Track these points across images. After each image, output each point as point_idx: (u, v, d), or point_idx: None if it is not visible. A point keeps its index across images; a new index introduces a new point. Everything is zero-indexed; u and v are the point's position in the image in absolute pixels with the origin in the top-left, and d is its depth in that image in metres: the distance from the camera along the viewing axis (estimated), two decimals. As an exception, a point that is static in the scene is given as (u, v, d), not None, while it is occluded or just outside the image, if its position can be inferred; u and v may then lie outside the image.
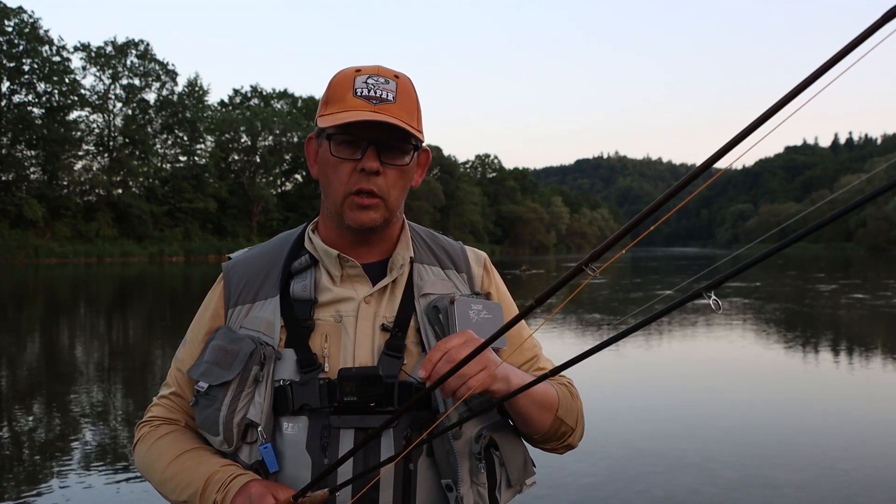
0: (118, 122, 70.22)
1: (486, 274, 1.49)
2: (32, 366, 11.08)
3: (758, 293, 23.58)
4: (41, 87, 62.80)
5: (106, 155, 68.25)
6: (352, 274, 1.37)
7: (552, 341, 12.31)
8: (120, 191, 65.86)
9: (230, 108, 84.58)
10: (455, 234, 1.59)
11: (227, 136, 76.76)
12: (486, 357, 1.21)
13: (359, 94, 1.28)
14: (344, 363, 1.31)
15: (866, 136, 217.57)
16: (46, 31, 62.40)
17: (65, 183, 64.46)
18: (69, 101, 64.47)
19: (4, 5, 60.03)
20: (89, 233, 60.79)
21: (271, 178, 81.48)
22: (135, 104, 71.14)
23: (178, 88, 73.70)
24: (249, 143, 78.90)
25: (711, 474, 5.49)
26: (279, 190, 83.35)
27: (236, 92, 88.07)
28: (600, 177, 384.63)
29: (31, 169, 62.89)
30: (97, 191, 65.46)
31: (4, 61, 60.77)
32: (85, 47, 68.48)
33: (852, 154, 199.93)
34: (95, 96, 68.74)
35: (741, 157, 0.79)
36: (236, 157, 78.99)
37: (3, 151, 60.12)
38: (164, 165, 72.20)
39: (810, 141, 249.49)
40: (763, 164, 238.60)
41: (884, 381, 9.48)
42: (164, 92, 72.64)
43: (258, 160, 78.88)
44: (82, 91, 66.35)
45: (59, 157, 61.96)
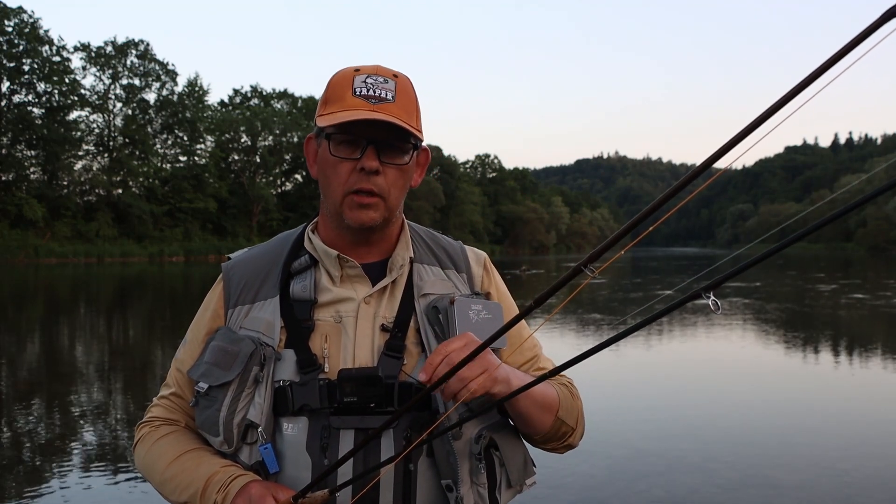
0: (118, 122, 70.27)
1: (485, 274, 1.49)
2: (32, 366, 11.07)
3: (758, 293, 23.58)
4: (41, 87, 62.84)
5: (106, 155, 68.26)
6: (351, 274, 1.37)
7: (552, 341, 12.31)
8: (120, 191, 65.86)
9: (230, 108, 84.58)
10: (455, 234, 1.58)
11: (227, 136, 76.76)
12: (487, 360, 1.21)
13: (358, 93, 1.27)
14: (344, 364, 1.30)
15: (866, 136, 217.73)
16: (46, 31, 62.43)
17: (65, 183, 64.47)
18: (69, 101, 64.47)
19: (4, 5, 60.03)
20: (89, 233, 60.79)
21: (271, 178, 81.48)
22: (135, 104, 71.15)
23: (178, 88, 73.82)
24: (249, 143, 78.92)
25: (711, 474, 5.49)
26: (279, 190, 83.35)
27: (236, 92, 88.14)
28: (600, 177, 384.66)
29: (31, 169, 62.91)
30: (97, 191, 65.47)
31: (4, 61, 60.78)
32: (85, 47, 68.49)
33: (852, 154, 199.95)
34: (95, 96, 68.78)
35: (741, 157, 0.79)
36: (236, 157, 79.00)
37: (3, 151, 60.12)
38: (164, 165, 72.20)
39: (810, 141, 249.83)
40: (763, 164, 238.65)
41: (884, 381, 9.48)
42: (164, 92, 72.69)
43: (258, 160, 78.89)
44: (82, 91, 66.39)
45: (59, 157, 61.96)
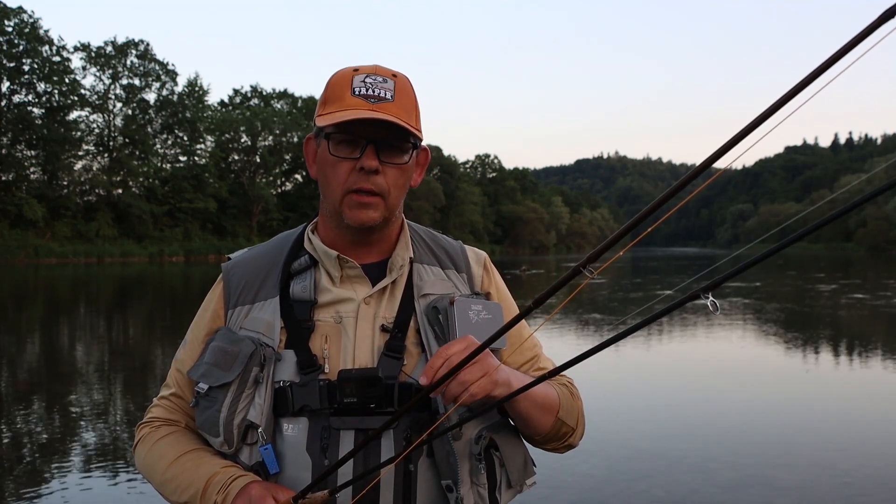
0: (118, 122, 70.25)
1: (486, 274, 1.49)
2: (32, 366, 11.07)
3: (758, 293, 23.58)
4: (41, 87, 62.83)
5: (106, 155, 68.26)
6: (351, 275, 1.37)
7: (552, 341, 12.31)
8: (120, 191, 65.85)
9: (230, 108, 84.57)
10: (455, 234, 1.58)
11: (227, 136, 76.76)
12: (487, 362, 1.20)
13: (357, 93, 1.27)
14: (344, 364, 1.30)
15: (866, 136, 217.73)
16: (46, 31, 62.41)
17: (65, 183, 64.47)
18: (69, 101, 64.47)
19: (4, 5, 60.03)
20: (89, 233, 60.79)
21: (271, 178, 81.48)
22: (135, 104, 71.14)
23: (178, 88, 73.82)
24: (249, 143, 78.92)
25: (711, 474, 5.49)
26: (279, 190, 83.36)
27: (236, 92, 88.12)
28: (600, 177, 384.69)
29: (31, 169, 62.91)
30: (97, 191, 65.46)
31: (4, 61, 60.77)
32: (85, 47, 68.49)
33: (852, 154, 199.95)
34: (95, 96, 68.77)
35: (741, 157, 0.79)
36: (236, 157, 79.00)
37: (3, 151, 60.12)
38: (164, 165, 72.19)
39: (810, 141, 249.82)
40: (763, 164, 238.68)
41: (884, 381, 9.48)
42: (164, 92, 72.69)
43: (258, 160, 78.88)
44: (82, 91, 66.39)
45: (59, 157, 61.96)
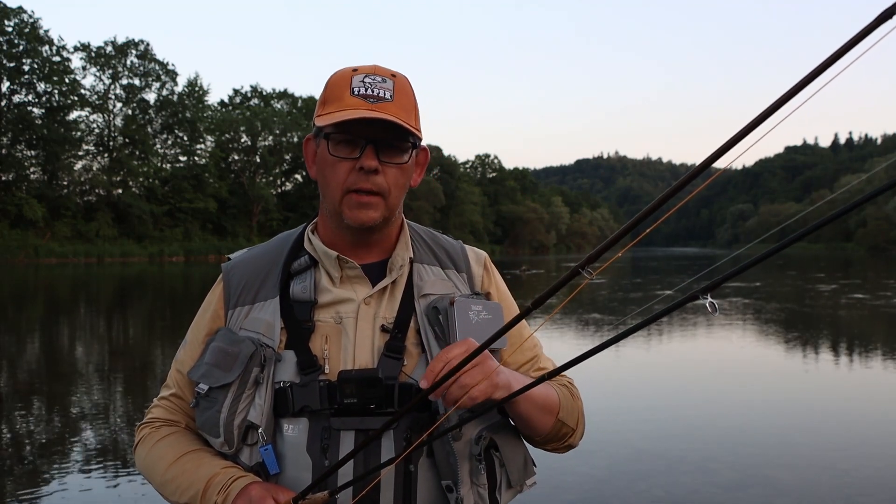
0: (118, 122, 70.26)
1: (486, 273, 1.49)
2: (32, 366, 11.07)
3: (758, 293, 23.58)
4: (41, 87, 62.84)
5: (106, 155, 68.25)
6: (351, 275, 1.37)
7: (552, 341, 12.31)
8: (120, 191, 65.86)
9: (230, 108, 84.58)
10: (455, 234, 1.58)
11: (227, 136, 76.76)
12: (488, 365, 1.20)
13: (356, 92, 1.27)
14: (344, 365, 1.30)
15: (866, 136, 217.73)
16: (46, 31, 62.42)
17: (65, 183, 64.47)
18: (69, 101, 64.46)
19: (4, 5, 60.03)
20: (89, 233, 60.79)
21: (271, 178, 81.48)
22: (135, 104, 71.14)
23: (178, 88, 73.81)
24: (249, 143, 78.91)
25: (711, 474, 5.49)
26: (279, 190, 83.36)
27: (236, 92, 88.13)
28: (600, 177, 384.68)
29: (31, 169, 62.91)
30: (97, 191, 65.47)
31: (4, 61, 60.77)
32: (85, 47, 68.49)
33: (852, 154, 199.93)
34: (95, 96, 68.77)
35: (741, 157, 0.79)
36: (236, 157, 79.00)
37: (3, 151, 60.11)
38: (164, 165, 72.19)
39: (810, 141, 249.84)
40: (763, 164, 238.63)
41: (884, 381, 9.48)
42: (164, 92, 72.70)
43: (258, 160, 78.88)
44: (82, 91, 66.38)
45: (59, 157, 61.95)
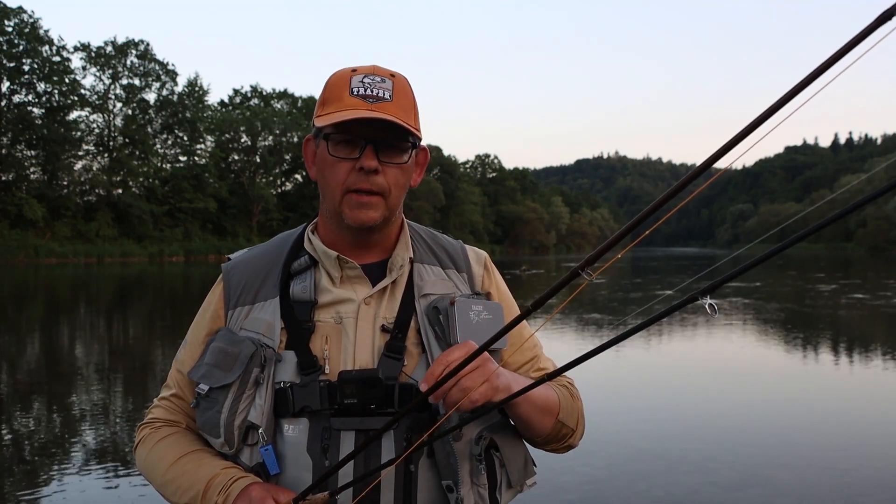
0: (118, 122, 70.28)
1: (486, 273, 1.49)
2: (32, 366, 11.07)
3: (758, 293, 23.57)
4: (41, 87, 62.84)
5: (106, 155, 68.26)
6: (351, 275, 1.37)
7: (552, 341, 12.31)
8: (120, 191, 65.86)
9: (230, 108, 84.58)
10: (455, 234, 1.58)
11: (227, 136, 76.76)
12: (488, 368, 1.21)
13: (355, 93, 1.27)
14: (344, 365, 1.30)
15: (866, 136, 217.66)
16: (46, 31, 62.44)
17: (65, 183, 64.48)
18: (69, 101, 64.47)
19: (4, 5, 60.03)
20: (89, 233, 60.80)
21: (271, 178, 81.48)
22: (135, 104, 71.15)
23: (178, 88, 73.84)
24: (249, 143, 78.92)
25: (711, 474, 5.49)
26: (279, 190, 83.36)
27: (236, 92, 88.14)
28: (600, 177, 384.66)
29: (31, 169, 62.92)
30: (97, 191, 65.47)
31: (4, 61, 60.78)
32: (85, 47, 68.49)
33: (852, 154, 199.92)
34: (95, 96, 68.77)
35: (741, 157, 0.79)
36: (236, 157, 79.00)
37: (3, 151, 60.13)
38: (164, 165, 72.20)
39: (810, 141, 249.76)
40: (763, 164, 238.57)
41: (884, 381, 9.47)
42: (164, 92, 72.70)
43: (258, 160, 78.88)
44: (82, 91, 66.38)
45: (59, 157, 61.96)
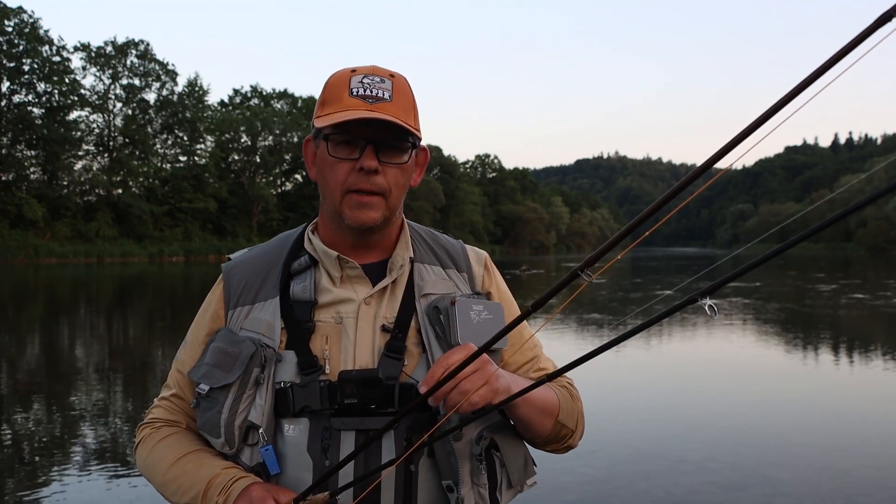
0: (118, 122, 70.28)
1: (486, 273, 1.49)
2: (32, 366, 11.07)
3: (758, 293, 23.57)
4: (41, 87, 62.84)
5: (106, 155, 68.26)
6: (351, 275, 1.37)
7: (552, 342, 12.31)
8: (120, 191, 65.86)
9: (230, 108, 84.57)
10: (455, 234, 1.58)
11: (227, 136, 76.76)
12: (488, 370, 1.21)
13: (355, 93, 1.27)
14: (344, 365, 1.30)
15: (866, 136, 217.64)
16: (46, 31, 62.43)
17: (65, 183, 64.47)
18: (69, 101, 64.47)
19: (4, 5, 60.03)
20: (89, 233, 60.80)
21: (271, 178, 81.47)
22: (135, 104, 71.15)
23: (178, 88, 73.84)
24: (249, 143, 78.91)
25: (712, 474, 5.49)
26: (279, 190, 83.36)
27: (236, 92, 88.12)
28: (600, 177, 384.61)
29: (31, 169, 62.92)
30: (97, 191, 65.47)
31: (4, 61, 60.77)
32: (85, 47, 68.49)
33: (852, 154, 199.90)
34: (95, 96, 68.78)
35: (741, 158, 0.79)
36: (236, 157, 78.99)
37: (3, 151, 60.12)
38: (164, 165, 72.21)
39: (810, 141, 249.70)
40: (763, 164, 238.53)
41: (884, 381, 9.47)
42: (164, 92, 72.69)
43: (258, 160, 78.87)
44: (82, 91, 66.38)
45: (59, 157, 61.96)
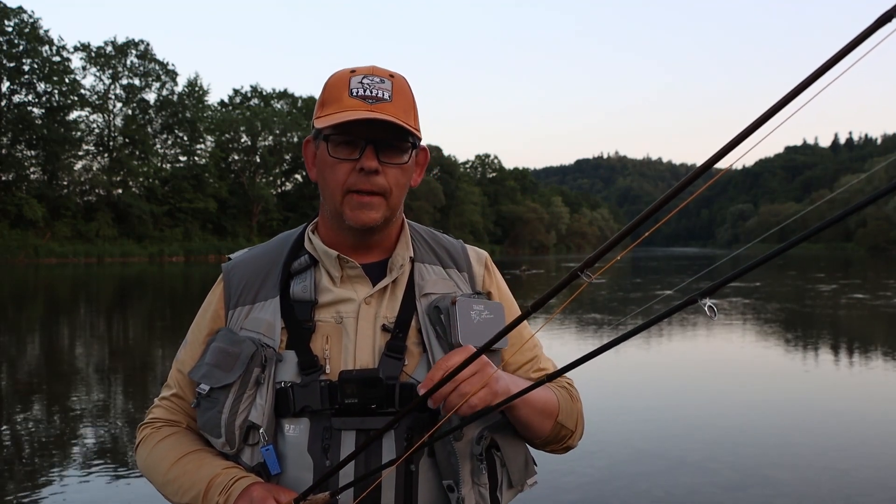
0: (118, 122, 70.28)
1: (487, 273, 1.49)
2: (32, 366, 11.07)
3: (758, 293, 23.57)
4: (41, 87, 62.85)
5: (106, 155, 68.27)
6: (352, 275, 1.37)
7: (552, 342, 12.31)
8: (120, 191, 65.87)
9: (230, 108, 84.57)
10: (455, 234, 1.58)
11: (227, 136, 76.77)
12: (487, 372, 1.21)
13: (355, 94, 1.27)
14: (345, 365, 1.30)
15: (866, 136, 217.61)
16: (46, 31, 62.44)
17: (65, 183, 64.49)
18: (69, 101, 64.47)
19: (4, 5, 60.04)
20: (89, 233, 60.80)
21: (271, 178, 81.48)
22: (135, 104, 71.15)
23: (178, 88, 73.85)
24: (249, 143, 78.91)
25: (712, 474, 5.49)
26: (279, 190, 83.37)
27: (236, 92, 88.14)
28: (600, 177, 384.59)
29: (31, 169, 62.93)
30: (97, 191, 65.48)
31: (4, 61, 60.78)
32: (85, 47, 68.50)
33: (852, 154, 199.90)
34: (95, 96, 68.79)
35: (741, 158, 0.79)
36: (236, 157, 78.99)
37: (3, 151, 60.13)
38: (164, 165, 72.22)
39: (810, 141, 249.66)
40: (763, 164, 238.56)
41: (884, 381, 9.47)
42: (164, 92, 72.70)
43: (258, 160, 78.88)
44: (82, 91, 66.39)
45: (59, 157, 61.97)
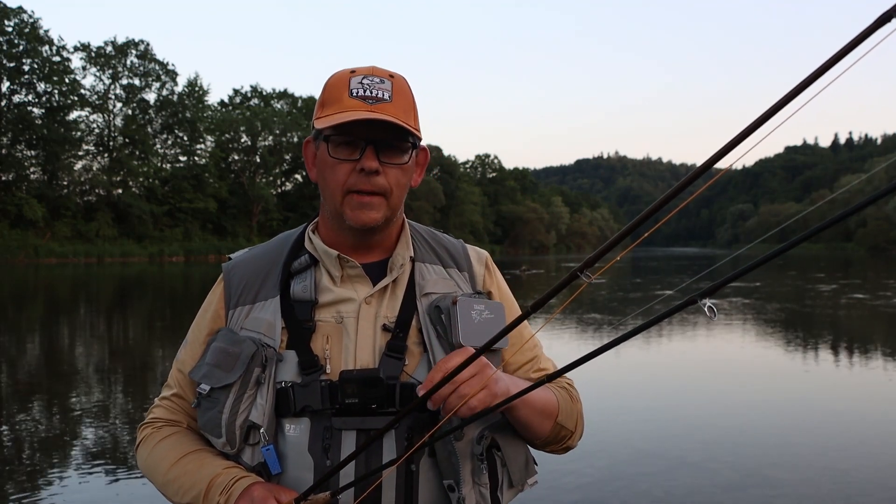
0: (118, 122, 70.28)
1: (487, 273, 1.49)
2: (32, 366, 11.07)
3: (758, 293, 23.57)
4: (41, 87, 62.86)
5: (106, 155, 68.27)
6: (352, 274, 1.37)
7: (552, 342, 12.31)
8: (120, 191, 65.88)
9: (230, 108, 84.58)
10: (455, 234, 1.58)
11: (227, 136, 76.77)
12: (486, 374, 1.21)
13: (355, 94, 1.27)
14: (345, 365, 1.30)
15: (866, 136, 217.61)
16: (46, 31, 62.46)
17: (65, 183, 64.50)
18: (69, 101, 64.49)
19: (4, 5, 60.04)
20: (89, 233, 60.80)
21: (271, 178, 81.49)
22: (135, 104, 71.15)
23: (178, 88, 73.85)
24: (249, 143, 78.92)
25: (712, 474, 5.49)
26: (279, 190, 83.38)
27: (236, 92, 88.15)
28: (600, 177, 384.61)
29: (31, 169, 62.94)
30: (97, 191, 65.49)
31: (4, 61, 60.78)
32: (85, 47, 68.51)
33: (852, 154, 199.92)
34: (95, 96, 68.80)
35: (741, 158, 0.79)
36: (236, 157, 79.00)
37: (3, 151, 60.13)
38: (164, 165, 72.23)
39: (810, 141, 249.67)
40: (763, 164, 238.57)
41: (884, 381, 9.47)
42: (164, 92, 72.71)
43: (258, 160, 78.88)
44: (82, 91, 66.41)
45: (59, 157, 61.98)
